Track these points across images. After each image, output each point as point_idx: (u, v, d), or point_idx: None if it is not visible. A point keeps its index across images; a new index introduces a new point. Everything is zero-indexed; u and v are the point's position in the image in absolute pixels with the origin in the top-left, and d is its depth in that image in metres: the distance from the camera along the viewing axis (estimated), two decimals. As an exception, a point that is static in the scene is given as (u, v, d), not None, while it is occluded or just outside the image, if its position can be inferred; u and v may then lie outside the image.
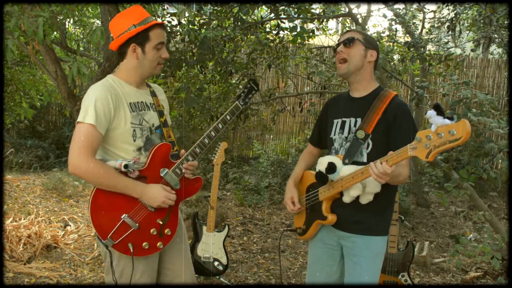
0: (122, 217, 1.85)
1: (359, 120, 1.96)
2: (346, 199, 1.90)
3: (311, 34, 4.25)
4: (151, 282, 1.98)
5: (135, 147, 1.91)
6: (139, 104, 1.96)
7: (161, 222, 1.92)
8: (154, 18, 1.94)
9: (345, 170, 1.86)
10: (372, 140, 1.91)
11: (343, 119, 2.02)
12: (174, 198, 1.90)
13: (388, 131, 1.90)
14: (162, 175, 1.92)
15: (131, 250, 1.84)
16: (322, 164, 1.92)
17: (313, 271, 2.12)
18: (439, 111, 1.45)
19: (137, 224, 1.86)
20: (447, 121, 1.44)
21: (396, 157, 1.64)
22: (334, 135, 2.04)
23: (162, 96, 2.14)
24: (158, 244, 1.92)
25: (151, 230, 1.90)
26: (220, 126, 2.08)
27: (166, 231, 1.95)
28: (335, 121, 2.06)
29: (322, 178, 1.91)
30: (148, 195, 1.86)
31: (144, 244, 1.88)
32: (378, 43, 2.10)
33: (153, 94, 2.07)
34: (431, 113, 1.47)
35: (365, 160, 1.91)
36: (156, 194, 1.86)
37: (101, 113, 1.80)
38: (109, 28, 1.96)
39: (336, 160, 1.90)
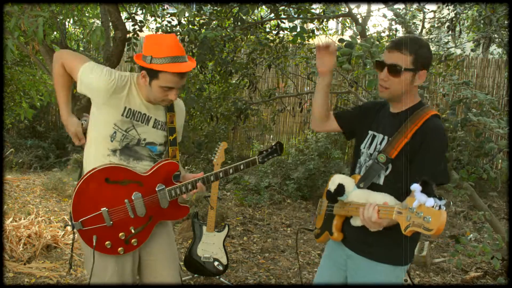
0: (101, 209, 1.87)
1: (385, 139, 1.79)
2: (353, 222, 1.78)
3: (311, 34, 4.26)
4: (122, 283, 1.98)
5: (111, 147, 1.92)
6: (138, 114, 1.93)
7: (133, 231, 1.93)
8: (181, 59, 1.82)
9: (355, 195, 1.74)
10: (392, 164, 1.73)
11: (375, 133, 1.86)
12: (79, 133, 1.99)
13: (411, 159, 1.68)
14: (157, 189, 1.93)
15: (94, 244, 1.87)
16: (333, 183, 1.81)
17: (317, 281, 2.04)
18: (425, 188, 1.34)
19: (111, 222, 1.89)
20: (429, 202, 1.31)
21: (384, 212, 1.51)
22: (364, 148, 1.89)
23: (180, 112, 2.13)
24: (119, 248, 1.92)
25: (120, 234, 1.91)
26: (230, 171, 2.08)
27: (133, 241, 1.94)
28: (370, 132, 1.89)
29: (331, 198, 1.82)
30: (64, 119, 2.01)
31: (107, 242, 1.89)
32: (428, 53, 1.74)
33: (170, 109, 2.04)
34: (416, 187, 1.35)
35: (381, 183, 1.76)
36: (71, 123, 2.00)
37: (105, 72, 1.89)
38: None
39: (349, 182, 1.79)
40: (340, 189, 1.77)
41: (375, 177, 1.76)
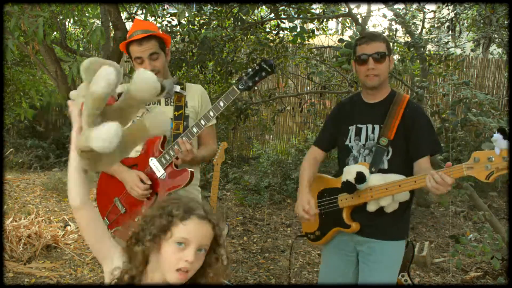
0: (114, 200, 2.00)
1: (377, 126, 1.92)
2: (372, 207, 1.86)
3: (311, 34, 4.26)
4: None
5: None
6: None
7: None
8: (140, 31, 1.97)
9: (373, 180, 1.82)
10: (391, 146, 1.88)
11: (358, 125, 1.97)
12: (142, 187, 1.90)
13: (407, 136, 1.88)
14: (149, 163, 1.99)
15: (111, 231, 1.92)
16: (350, 173, 1.85)
17: (328, 278, 2.06)
18: (505, 135, 1.50)
19: (124, 209, 1.98)
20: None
21: (456, 171, 1.62)
22: (350, 142, 1.98)
23: (192, 94, 2.11)
24: None
25: (136, 218, 1.91)
26: (211, 114, 1.91)
27: None
28: (350, 127, 1.99)
29: (350, 188, 1.85)
30: (122, 178, 1.96)
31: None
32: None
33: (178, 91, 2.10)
34: (497, 136, 1.52)
35: (386, 167, 1.88)
36: (127, 179, 1.94)
37: None
38: None
39: (363, 168, 1.85)
40: (362, 175, 1.82)
41: (381, 160, 1.88)
